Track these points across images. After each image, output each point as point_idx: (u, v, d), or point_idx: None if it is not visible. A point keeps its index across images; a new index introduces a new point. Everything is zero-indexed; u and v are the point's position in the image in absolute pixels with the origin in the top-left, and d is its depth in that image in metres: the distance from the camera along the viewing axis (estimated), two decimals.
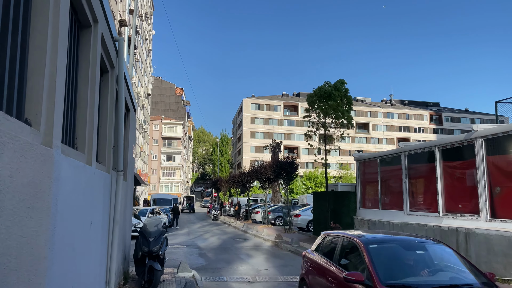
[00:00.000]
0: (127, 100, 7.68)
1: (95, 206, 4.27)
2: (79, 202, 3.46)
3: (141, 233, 8.14)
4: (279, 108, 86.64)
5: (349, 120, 16.28)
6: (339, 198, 16.37)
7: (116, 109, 5.69)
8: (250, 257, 13.93)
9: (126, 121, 8.27)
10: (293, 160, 21.91)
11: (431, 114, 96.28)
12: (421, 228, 11.27)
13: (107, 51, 5.02)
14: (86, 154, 3.93)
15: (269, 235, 20.18)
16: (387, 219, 13.38)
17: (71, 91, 3.63)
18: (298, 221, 22.34)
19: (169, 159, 79.31)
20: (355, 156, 16.13)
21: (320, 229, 17.74)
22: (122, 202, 7.43)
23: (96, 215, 4.38)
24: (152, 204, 40.91)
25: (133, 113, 9.11)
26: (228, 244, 17.76)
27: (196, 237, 20.99)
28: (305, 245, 15.82)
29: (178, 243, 17.90)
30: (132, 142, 8.94)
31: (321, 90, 16.25)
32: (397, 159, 13.40)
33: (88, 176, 3.80)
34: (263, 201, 45.30)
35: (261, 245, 17.51)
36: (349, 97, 16.34)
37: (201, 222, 33.41)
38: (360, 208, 15.62)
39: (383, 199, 14.23)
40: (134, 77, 43.20)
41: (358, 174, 15.91)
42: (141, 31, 48.46)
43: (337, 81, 16.23)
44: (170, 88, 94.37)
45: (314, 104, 16.57)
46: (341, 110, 15.92)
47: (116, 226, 5.38)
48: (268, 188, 27.09)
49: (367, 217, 14.76)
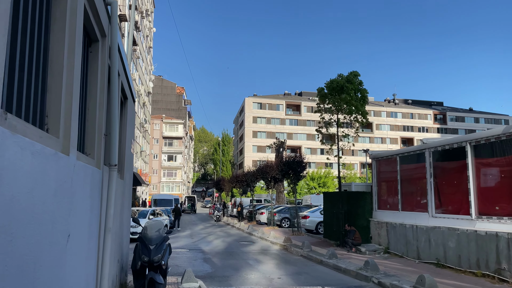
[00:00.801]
0: (124, 85, 6.58)
1: (76, 211, 3.17)
2: (46, 206, 2.36)
3: (140, 240, 7.03)
4: (281, 107, 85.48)
5: (363, 115, 15.15)
6: (354, 199, 15.25)
7: (109, 90, 4.59)
8: (259, 262, 12.83)
9: (124, 110, 7.18)
10: (301, 158, 20.80)
11: (435, 113, 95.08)
12: (451, 233, 10.15)
13: (96, 12, 3.92)
14: (62, 139, 2.83)
15: (276, 238, 19.07)
16: (409, 222, 12.27)
17: (33, 40, 2.52)
18: (307, 223, 21.23)
19: (170, 159, 78.23)
20: (371, 153, 15.03)
21: (332, 232, 16.64)
22: (117, 205, 6.34)
23: (79, 224, 3.28)
24: (152, 205, 39.82)
25: (132, 103, 8.00)
26: (233, 248, 16.66)
27: (199, 239, 19.89)
28: (317, 249, 14.72)
29: (180, 246, 16.81)
30: (130, 135, 7.84)
31: (333, 82, 15.13)
32: (421, 157, 12.29)
33: (62, 170, 2.70)
34: (267, 201, 44.20)
35: (269, 249, 16.40)
36: (363, 90, 15.21)
37: (204, 223, 32.31)
38: (376, 209, 14.52)
39: (403, 200, 13.12)
40: (135, 74, 42.14)
41: (375, 173, 14.81)
42: (142, 27, 47.41)
43: (350, 73, 15.10)
44: (171, 87, 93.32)
45: (325, 98, 15.43)
46: (354, 104, 14.80)
47: (108, 235, 4.29)
48: (273, 189, 25.96)
49: (385, 220, 13.66)
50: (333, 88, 14.99)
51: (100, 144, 4.26)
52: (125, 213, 7.49)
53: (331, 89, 15.12)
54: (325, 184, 68.34)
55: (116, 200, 6.20)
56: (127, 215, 7.91)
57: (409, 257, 12.00)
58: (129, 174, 8.09)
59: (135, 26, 40.90)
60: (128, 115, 7.32)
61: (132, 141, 8.35)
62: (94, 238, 4.00)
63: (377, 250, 13.42)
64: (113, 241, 6.07)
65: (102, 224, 4.30)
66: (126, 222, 7.77)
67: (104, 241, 4.25)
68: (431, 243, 10.97)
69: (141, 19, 47.03)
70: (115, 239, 6.14)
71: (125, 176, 7.25)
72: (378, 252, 13.34)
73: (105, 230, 4.26)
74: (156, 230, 7.21)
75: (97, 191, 4.17)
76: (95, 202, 4.14)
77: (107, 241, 4.25)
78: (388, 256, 12.93)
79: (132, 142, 8.33)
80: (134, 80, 42.51)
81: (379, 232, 13.88)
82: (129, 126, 7.54)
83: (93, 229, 3.93)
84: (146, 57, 54.85)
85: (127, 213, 7.94)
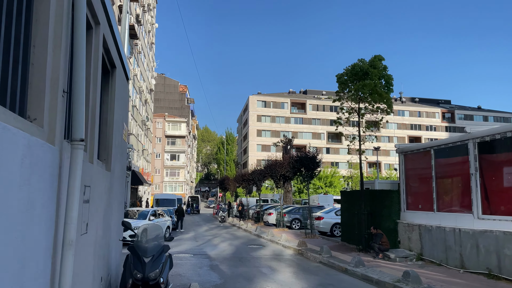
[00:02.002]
0: (110, 46, 4.95)
1: None
2: None
3: (132, 250, 5.41)
4: (286, 105, 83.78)
5: (388, 103, 13.45)
6: (378, 198, 13.58)
7: (73, 24, 2.95)
8: (274, 271, 11.19)
9: (111, 82, 5.55)
10: (314, 154, 19.13)
11: (443, 111, 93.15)
12: (508, 238, 8.46)
13: None
14: None
15: (288, 241, 17.42)
16: (448, 224, 10.58)
17: None
18: (321, 225, 19.56)
19: (173, 158, 76.66)
20: (398, 147, 13.35)
21: (352, 235, 14.98)
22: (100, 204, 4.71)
23: None
24: (154, 205, 38.23)
25: (122, 75, 6.36)
26: (242, 252, 15.03)
27: (204, 242, 18.26)
28: (337, 255, 13.06)
29: (184, 250, 15.19)
30: (121, 116, 6.21)
31: (354, 67, 13.44)
32: (462, 149, 10.59)
33: None
34: (273, 201, 42.51)
35: (282, 254, 14.75)
36: (388, 77, 13.52)
37: (208, 224, 30.69)
38: (405, 210, 12.83)
39: (440, 200, 11.43)
40: (136, 70, 40.59)
41: (402, 169, 13.13)
42: (143, 21, 45.86)
43: (373, 57, 13.42)
44: (174, 85, 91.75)
45: (346, 85, 13.75)
46: (379, 91, 13.12)
47: (68, 253, 2.64)
48: (282, 188, 24.31)
49: (417, 221, 11.97)
50: (355, 74, 13.31)
51: (56, 106, 2.62)
52: (113, 215, 5.86)
53: (352, 74, 13.44)
54: (332, 184, 66.59)
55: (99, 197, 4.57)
56: (117, 218, 6.27)
57: (450, 266, 10.32)
58: (120, 166, 6.46)
59: (136, 20, 39.37)
60: (116, 88, 5.68)
61: (124, 126, 6.71)
62: (40, 257, 2.36)
63: (409, 256, 11.74)
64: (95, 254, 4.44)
65: (59, 235, 2.66)
66: (116, 227, 6.12)
67: (62, 263, 2.62)
68: (480, 250, 9.29)
69: (143, 13, 45.49)
70: (97, 252, 4.52)
71: (114, 167, 5.63)
72: (410, 258, 11.66)
73: (64, 244, 2.62)
74: (153, 237, 5.59)
75: (49, 180, 2.54)
76: (47, 197, 2.50)
77: (66, 262, 2.62)
78: (422, 263, 11.25)
79: (124, 127, 6.69)
80: (135, 76, 41.01)
81: (409, 236, 12.21)
82: (118, 104, 5.89)
83: (39, 243, 2.30)
84: (148, 53, 53.33)
85: (117, 215, 6.30)
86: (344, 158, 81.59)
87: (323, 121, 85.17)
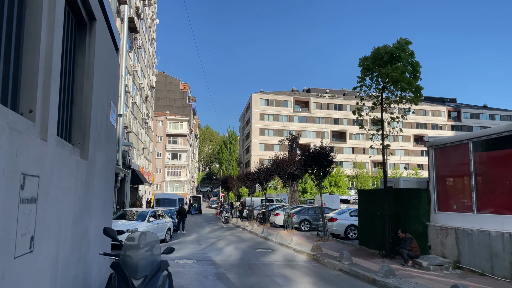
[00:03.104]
0: None
1: None
2: None
3: (117, 268, 3.93)
4: (289, 103, 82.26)
5: (417, 92, 11.96)
6: (403, 198, 12.11)
7: None
8: (290, 281, 9.73)
9: (89, 39, 4.08)
10: (327, 151, 17.67)
11: (449, 110, 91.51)
12: None
13: None
14: None
15: (300, 245, 15.96)
16: (493, 228, 9.09)
17: None
18: (334, 227, 18.07)
19: (174, 157, 75.21)
20: (428, 140, 11.87)
21: (372, 239, 13.51)
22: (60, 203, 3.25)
23: None
24: (155, 205, 36.81)
25: (106, 32, 4.89)
26: (251, 257, 13.58)
27: (208, 246, 16.81)
28: (359, 262, 11.60)
29: (186, 255, 13.75)
30: (104, 89, 4.75)
31: (379, 50, 11.96)
32: (509, 140, 9.12)
33: None
34: (278, 201, 40.99)
35: (295, 260, 13.29)
36: (415, 63, 12.04)
37: (211, 226, 29.23)
38: (436, 211, 11.35)
39: (480, 199, 9.95)
40: (136, 65, 39.14)
41: (432, 165, 11.65)
42: (143, 16, 44.42)
43: (400, 40, 11.94)
44: (175, 83, 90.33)
45: (369, 71, 12.26)
46: (406, 79, 11.64)
47: None
48: (291, 186, 22.83)
49: (452, 224, 10.49)
50: (380, 58, 11.82)
51: None
52: (93, 219, 4.39)
53: (376, 59, 11.95)
54: (337, 184, 65.06)
55: (63, 195, 3.12)
56: (99, 223, 4.80)
57: (497, 276, 8.85)
58: (104, 155, 5.00)
59: (136, 13, 37.95)
60: (97, 50, 4.22)
61: (111, 105, 5.25)
62: None
63: (443, 264, 10.26)
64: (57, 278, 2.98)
65: None
66: (98, 236, 4.64)
67: None
68: None
69: (143, 7, 44.05)
70: (61, 274, 3.07)
71: (93, 155, 4.18)
72: (445, 267, 10.18)
73: None
74: (147, 250, 4.12)
75: None
76: None
77: None
78: (461, 273, 9.78)
79: (111, 105, 5.23)
80: (135, 71, 39.60)
81: (442, 240, 10.73)
82: (99, 72, 4.43)
83: None
84: (148, 49, 51.93)
85: (100, 220, 4.83)
86: (348, 157, 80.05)
87: (327, 119, 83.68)
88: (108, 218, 5.48)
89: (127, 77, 34.05)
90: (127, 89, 33.82)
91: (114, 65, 5.67)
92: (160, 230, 17.43)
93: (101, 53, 4.45)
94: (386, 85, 12.27)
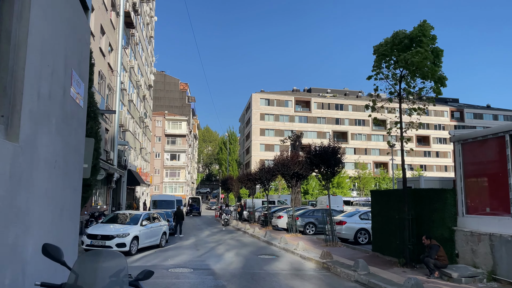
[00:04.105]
0: None
1: None
2: None
3: None
4: (290, 103, 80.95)
5: (441, 81, 10.65)
6: (425, 200, 10.78)
7: None
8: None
9: None
10: (335, 148, 16.36)
11: (452, 110, 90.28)
12: None
13: None
14: None
15: (307, 250, 14.63)
16: None
17: None
18: (343, 231, 16.72)
19: (173, 158, 73.84)
20: (454, 135, 10.55)
21: (388, 245, 12.18)
22: None
23: None
24: (152, 207, 35.43)
25: None
26: (254, 266, 12.23)
27: (207, 252, 15.46)
28: (376, 272, 10.26)
29: (182, 263, 12.41)
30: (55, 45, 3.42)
31: (398, 35, 10.65)
32: None
33: None
34: (280, 203, 39.59)
35: (302, 268, 11.95)
36: (437, 49, 10.72)
37: (210, 229, 27.87)
38: (464, 214, 10.01)
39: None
40: (133, 62, 37.81)
41: (459, 163, 10.32)
42: (141, 11, 43.12)
43: (422, 22, 10.63)
44: (174, 83, 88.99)
45: (386, 57, 10.92)
46: (428, 66, 10.33)
47: None
48: (295, 187, 21.51)
49: (485, 229, 9.16)
50: (399, 42, 10.49)
51: None
52: (30, 233, 3.04)
53: (394, 44, 10.62)
54: (339, 185, 63.69)
55: None
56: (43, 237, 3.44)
57: None
58: (59, 141, 3.65)
59: (133, 8, 36.65)
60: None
61: (72, 74, 3.92)
62: None
63: (476, 275, 8.93)
64: None
65: None
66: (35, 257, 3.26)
67: None
68: None
69: (140, 3, 42.74)
70: None
71: (34, 137, 2.84)
72: (479, 279, 8.85)
73: None
74: (111, 275, 2.77)
75: None
76: None
77: None
78: (499, 286, 8.45)
79: (72, 75, 3.90)
80: (132, 69, 38.27)
81: (473, 248, 9.40)
82: (45, 16, 3.08)
83: None
84: (146, 47, 50.62)
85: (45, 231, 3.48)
86: (350, 158, 78.62)
87: (328, 119, 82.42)
88: (70, 232, 4.10)
89: (123, 74, 32.73)
90: (123, 86, 32.48)
91: (80, 26, 4.33)
92: (154, 234, 16.09)
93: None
94: (405, 72, 10.94)
